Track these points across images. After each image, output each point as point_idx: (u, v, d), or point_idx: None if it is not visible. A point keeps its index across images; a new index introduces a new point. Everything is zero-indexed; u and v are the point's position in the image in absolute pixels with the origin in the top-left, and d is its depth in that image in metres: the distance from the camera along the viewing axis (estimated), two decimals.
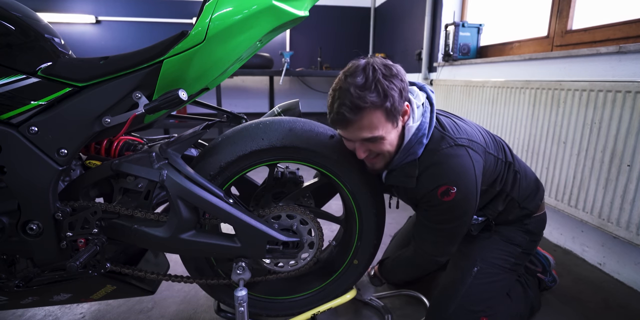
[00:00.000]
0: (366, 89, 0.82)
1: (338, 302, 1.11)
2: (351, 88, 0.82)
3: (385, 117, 0.85)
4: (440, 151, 0.90)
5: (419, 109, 0.93)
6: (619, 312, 1.22)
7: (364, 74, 0.83)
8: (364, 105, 0.82)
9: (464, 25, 2.42)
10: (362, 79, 0.83)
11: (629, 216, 1.26)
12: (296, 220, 0.97)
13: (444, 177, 0.89)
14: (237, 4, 0.77)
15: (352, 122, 0.84)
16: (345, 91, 0.83)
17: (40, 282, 0.89)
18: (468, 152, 0.92)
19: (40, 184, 0.80)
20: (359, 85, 0.82)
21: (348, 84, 0.83)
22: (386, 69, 0.85)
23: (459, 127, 0.98)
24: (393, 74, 0.85)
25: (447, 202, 0.89)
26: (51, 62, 0.80)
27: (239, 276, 0.92)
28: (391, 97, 0.83)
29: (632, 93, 1.23)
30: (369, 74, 0.83)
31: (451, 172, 0.89)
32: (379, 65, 0.85)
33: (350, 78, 0.84)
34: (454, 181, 0.88)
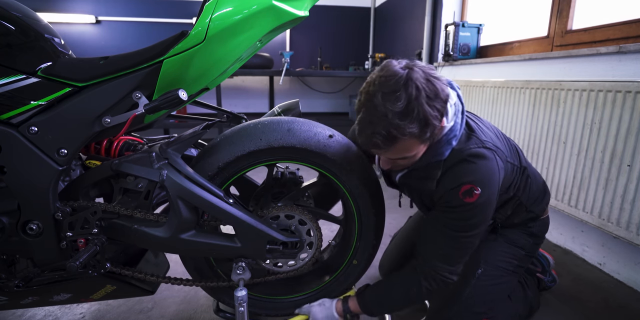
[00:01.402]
0: (406, 117, 0.72)
1: None
2: (389, 114, 0.72)
3: (422, 142, 0.79)
4: (469, 150, 0.85)
5: (451, 108, 0.85)
6: (618, 312, 1.22)
7: (405, 97, 0.72)
8: (402, 137, 0.74)
9: (464, 25, 2.42)
10: (403, 104, 0.72)
11: (629, 216, 1.26)
12: (295, 221, 0.97)
13: (469, 175, 0.84)
14: (237, 4, 0.77)
15: (385, 149, 0.79)
16: (381, 116, 0.73)
17: (40, 282, 0.89)
18: (495, 156, 0.88)
19: (40, 184, 0.80)
20: (398, 113, 0.72)
21: (385, 107, 0.72)
22: (430, 87, 0.74)
23: (484, 131, 0.92)
24: (437, 93, 0.75)
25: (468, 204, 0.84)
26: (51, 62, 0.80)
27: (239, 276, 0.92)
28: (432, 125, 0.75)
29: (632, 93, 1.23)
30: (411, 97, 0.72)
31: (478, 171, 0.84)
32: (423, 82, 0.74)
33: (388, 100, 0.72)
34: (479, 181, 0.83)
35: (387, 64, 0.78)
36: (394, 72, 0.75)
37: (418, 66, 0.77)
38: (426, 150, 0.86)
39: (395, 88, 0.73)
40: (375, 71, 0.80)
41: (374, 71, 0.81)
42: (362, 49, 4.44)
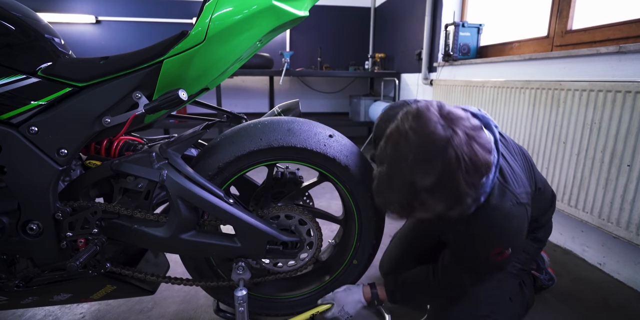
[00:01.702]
0: (435, 193, 0.62)
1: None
2: (417, 186, 0.62)
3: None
4: (501, 210, 0.76)
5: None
6: (618, 312, 1.22)
7: (440, 169, 0.61)
8: (423, 215, 0.67)
9: (464, 25, 2.42)
10: (435, 178, 0.61)
11: (629, 216, 1.26)
12: (295, 221, 0.97)
13: (501, 242, 0.79)
14: (237, 4, 0.77)
15: (401, 217, 0.72)
16: (406, 185, 0.63)
17: (40, 282, 0.89)
18: (527, 210, 0.82)
19: (41, 184, 0.80)
20: (428, 187, 0.62)
21: (413, 176, 0.62)
22: (472, 158, 0.62)
23: (515, 173, 0.84)
24: (478, 166, 0.63)
25: (499, 260, 0.81)
26: (51, 62, 0.80)
27: (239, 276, 0.92)
28: (463, 203, 0.65)
29: (632, 93, 1.23)
30: (446, 170, 0.61)
31: (509, 234, 0.80)
32: (465, 151, 0.61)
33: (420, 170, 0.61)
34: (510, 243, 0.80)
35: (424, 115, 0.65)
36: (432, 131, 0.63)
37: (461, 125, 0.65)
38: None
39: (431, 156, 0.61)
40: (408, 116, 0.67)
41: (405, 114, 0.69)
42: (362, 49, 4.44)
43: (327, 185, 2.41)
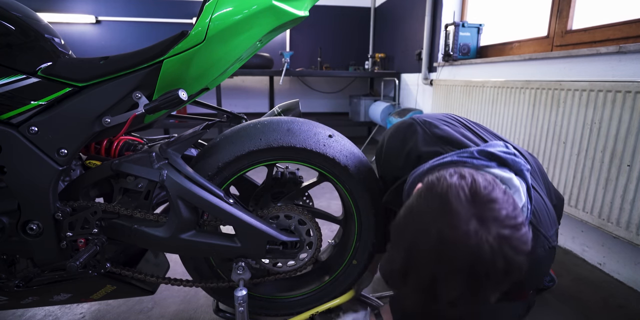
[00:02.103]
0: (457, 304, 0.54)
1: (337, 302, 1.11)
2: (436, 296, 0.53)
3: None
4: (533, 258, 0.66)
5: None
6: (618, 312, 1.22)
7: (467, 283, 0.52)
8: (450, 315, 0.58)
9: (464, 25, 2.42)
10: (457, 292, 0.52)
11: (629, 216, 1.26)
12: (294, 221, 0.97)
13: (528, 285, 0.76)
14: (237, 4, 0.77)
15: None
16: (424, 292, 0.54)
17: (40, 282, 0.89)
18: (555, 251, 0.78)
19: (41, 184, 0.80)
20: (449, 300, 0.54)
21: (433, 284, 0.53)
22: (507, 268, 0.53)
23: (547, 206, 0.79)
24: (510, 273, 0.54)
25: (516, 299, 0.79)
26: (51, 62, 0.80)
27: (239, 276, 0.92)
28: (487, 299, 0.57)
29: (632, 93, 1.23)
30: (476, 283, 0.52)
31: (535, 280, 0.76)
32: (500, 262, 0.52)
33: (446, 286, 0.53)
34: (535, 285, 0.78)
35: (452, 207, 0.54)
36: (459, 237, 0.52)
37: (496, 220, 0.54)
38: None
39: (458, 266, 0.52)
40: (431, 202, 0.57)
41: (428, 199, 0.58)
42: (362, 49, 4.44)
43: (327, 185, 2.41)
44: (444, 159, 0.77)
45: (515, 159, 0.73)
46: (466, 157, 0.74)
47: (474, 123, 1.01)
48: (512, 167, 0.73)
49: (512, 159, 0.73)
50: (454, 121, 0.97)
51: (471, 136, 0.91)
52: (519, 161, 0.73)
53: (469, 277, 0.53)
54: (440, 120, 0.95)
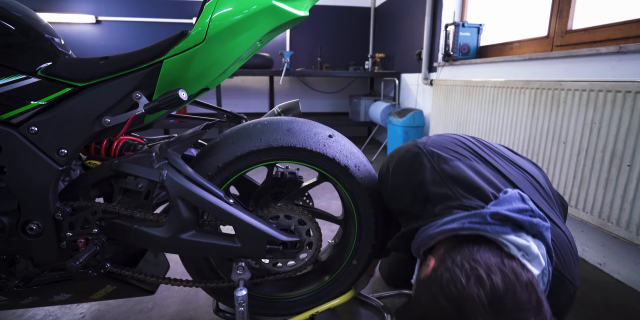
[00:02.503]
0: None
1: (337, 302, 1.11)
2: None
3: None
4: (559, 303, 0.70)
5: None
6: (618, 312, 1.22)
7: None
8: None
9: (464, 25, 2.43)
10: None
11: (629, 216, 1.26)
12: (294, 221, 0.97)
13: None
14: (237, 4, 0.77)
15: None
16: None
17: (40, 282, 0.89)
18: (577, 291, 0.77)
19: (40, 184, 0.80)
20: None
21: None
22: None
23: (569, 240, 0.77)
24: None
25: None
26: (51, 62, 0.80)
27: (239, 276, 0.92)
28: None
29: (632, 93, 1.23)
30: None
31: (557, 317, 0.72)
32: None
33: None
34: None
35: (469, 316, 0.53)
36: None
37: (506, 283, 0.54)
38: None
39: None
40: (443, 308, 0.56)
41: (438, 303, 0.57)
42: (362, 49, 4.44)
43: (327, 185, 2.41)
44: (453, 223, 0.71)
45: (532, 222, 0.68)
46: (478, 224, 0.68)
47: (485, 147, 0.93)
48: (528, 230, 0.68)
49: (528, 223, 0.68)
50: (464, 149, 0.89)
51: (483, 172, 0.83)
52: (536, 223, 0.69)
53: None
54: (449, 151, 0.87)
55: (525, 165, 0.94)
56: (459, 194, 0.78)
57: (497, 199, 0.74)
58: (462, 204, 0.76)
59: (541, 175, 0.94)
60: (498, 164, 0.87)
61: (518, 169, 0.90)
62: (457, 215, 0.72)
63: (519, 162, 0.93)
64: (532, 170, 0.93)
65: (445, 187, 0.80)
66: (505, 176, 0.84)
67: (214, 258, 1.05)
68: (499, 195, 0.75)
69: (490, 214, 0.68)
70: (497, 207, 0.71)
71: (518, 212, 0.69)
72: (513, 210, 0.69)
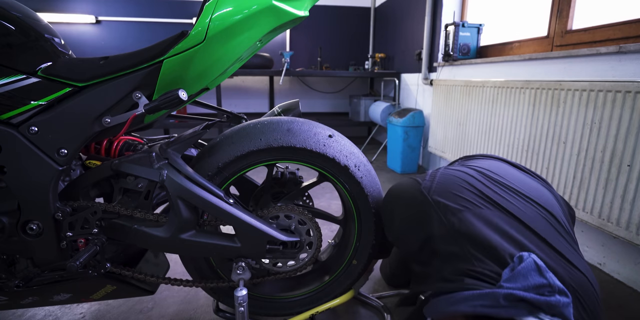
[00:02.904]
0: None
1: (337, 302, 1.11)
2: None
3: None
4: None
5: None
6: (618, 312, 1.22)
7: None
8: None
9: (464, 25, 2.43)
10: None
11: (629, 216, 1.26)
12: (294, 221, 0.97)
13: None
14: (237, 4, 0.77)
15: None
16: None
17: (40, 282, 0.89)
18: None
19: (41, 184, 0.80)
20: None
21: None
22: None
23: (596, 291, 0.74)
24: None
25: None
26: (51, 62, 0.80)
27: (239, 276, 0.92)
28: None
29: (632, 93, 1.24)
30: None
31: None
32: None
33: None
34: None
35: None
36: None
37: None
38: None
39: None
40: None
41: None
42: (362, 49, 4.44)
43: (327, 186, 2.41)
44: (464, 304, 0.68)
45: (551, 302, 0.64)
46: (490, 308, 0.65)
47: (492, 183, 0.87)
48: (547, 310, 0.64)
49: (546, 304, 0.64)
50: (471, 192, 0.83)
51: (496, 222, 0.78)
52: (554, 304, 0.64)
53: None
54: (457, 198, 0.81)
55: (536, 193, 0.87)
56: (470, 255, 0.74)
57: (512, 273, 0.69)
58: (474, 269, 0.72)
59: (555, 202, 0.88)
60: (510, 205, 0.82)
61: (531, 204, 0.84)
62: (468, 293, 0.68)
63: (529, 193, 0.86)
64: (544, 198, 0.87)
65: (455, 245, 0.75)
66: (519, 219, 0.79)
67: (214, 258, 1.05)
68: (515, 257, 0.70)
69: (503, 296, 0.64)
70: (511, 283, 0.66)
71: (535, 290, 0.64)
72: (529, 288, 0.65)
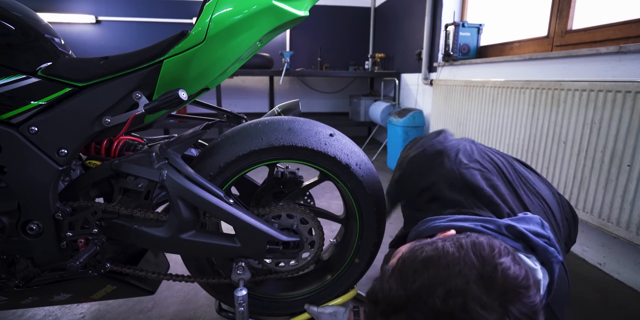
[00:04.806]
0: None
1: (339, 301, 1.11)
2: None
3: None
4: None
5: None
6: (619, 312, 1.22)
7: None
8: None
9: (464, 25, 2.43)
10: None
11: (629, 216, 1.26)
12: (296, 220, 0.97)
13: None
14: (237, 4, 0.77)
15: None
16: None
17: (40, 282, 0.89)
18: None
19: (41, 184, 0.80)
20: None
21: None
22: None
23: (569, 287, 0.74)
24: None
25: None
26: (51, 62, 0.80)
27: (239, 276, 0.92)
28: None
29: (632, 93, 1.23)
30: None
31: None
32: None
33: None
34: None
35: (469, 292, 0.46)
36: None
37: (518, 304, 0.47)
38: None
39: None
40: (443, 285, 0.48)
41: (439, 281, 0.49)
42: (362, 49, 4.44)
43: (327, 186, 2.41)
44: (467, 222, 0.66)
45: (547, 248, 0.63)
46: (491, 231, 0.64)
47: (510, 168, 0.87)
48: (540, 255, 0.64)
49: (542, 247, 0.64)
50: (490, 163, 0.83)
51: (501, 190, 0.78)
52: (550, 251, 0.64)
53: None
54: (474, 161, 0.82)
55: (544, 191, 0.89)
56: (473, 204, 0.74)
57: (516, 216, 0.70)
58: (475, 212, 0.72)
59: (555, 204, 0.89)
60: (518, 188, 0.83)
61: (536, 197, 0.85)
62: (470, 216, 0.68)
63: (538, 188, 0.87)
64: (549, 198, 0.88)
65: (460, 195, 0.76)
66: (522, 201, 0.80)
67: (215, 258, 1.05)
68: (515, 215, 0.71)
69: (506, 226, 0.65)
70: (514, 222, 0.66)
71: (535, 235, 0.65)
72: (530, 231, 0.65)
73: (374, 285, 0.55)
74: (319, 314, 1.04)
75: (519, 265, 0.51)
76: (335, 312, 1.01)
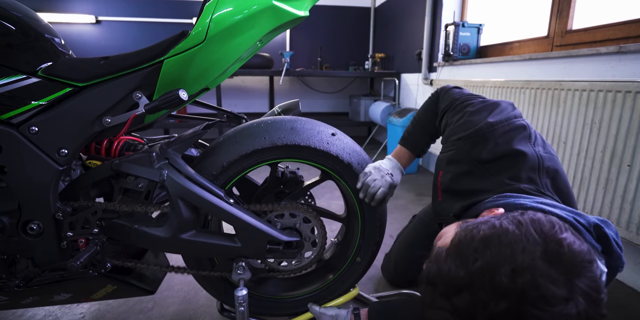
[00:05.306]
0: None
1: (341, 300, 1.11)
2: None
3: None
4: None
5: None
6: (619, 312, 1.22)
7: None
8: None
9: (464, 25, 2.43)
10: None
11: (629, 216, 1.26)
12: (299, 219, 0.97)
13: None
14: (237, 4, 0.77)
15: None
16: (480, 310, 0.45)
17: (40, 282, 0.89)
18: None
19: (41, 184, 0.80)
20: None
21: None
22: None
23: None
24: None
25: None
26: (51, 62, 0.80)
27: (239, 276, 0.92)
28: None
29: (632, 93, 1.24)
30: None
31: None
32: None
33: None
34: None
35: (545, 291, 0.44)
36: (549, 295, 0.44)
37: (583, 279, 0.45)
38: None
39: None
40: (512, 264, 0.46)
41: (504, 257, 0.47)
42: (362, 49, 4.44)
43: (327, 186, 2.41)
44: (556, 208, 0.63)
45: (622, 257, 0.63)
46: (581, 226, 0.61)
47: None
48: (612, 260, 0.63)
49: (618, 255, 0.63)
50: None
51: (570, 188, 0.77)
52: (623, 261, 0.63)
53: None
54: (549, 147, 0.81)
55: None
56: (546, 187, 0.71)
57: (600, 219, 0.67)
58: (554, 197, 0.69)
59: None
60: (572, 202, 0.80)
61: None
62: (558, 204, 0.65)
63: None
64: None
65: (535, 174, 0.72)
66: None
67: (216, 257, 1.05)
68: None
69: (594, 225, 0.61)
70: (602, 224, 0.64)
71: (616, 242, 0.63)
72: (614, 236, 0.63)
73: (428, 266, 0.52)
74: (320, 314, 1.04)
75: (580, 240, 0.50)
76: (336, 315, 1.02)
